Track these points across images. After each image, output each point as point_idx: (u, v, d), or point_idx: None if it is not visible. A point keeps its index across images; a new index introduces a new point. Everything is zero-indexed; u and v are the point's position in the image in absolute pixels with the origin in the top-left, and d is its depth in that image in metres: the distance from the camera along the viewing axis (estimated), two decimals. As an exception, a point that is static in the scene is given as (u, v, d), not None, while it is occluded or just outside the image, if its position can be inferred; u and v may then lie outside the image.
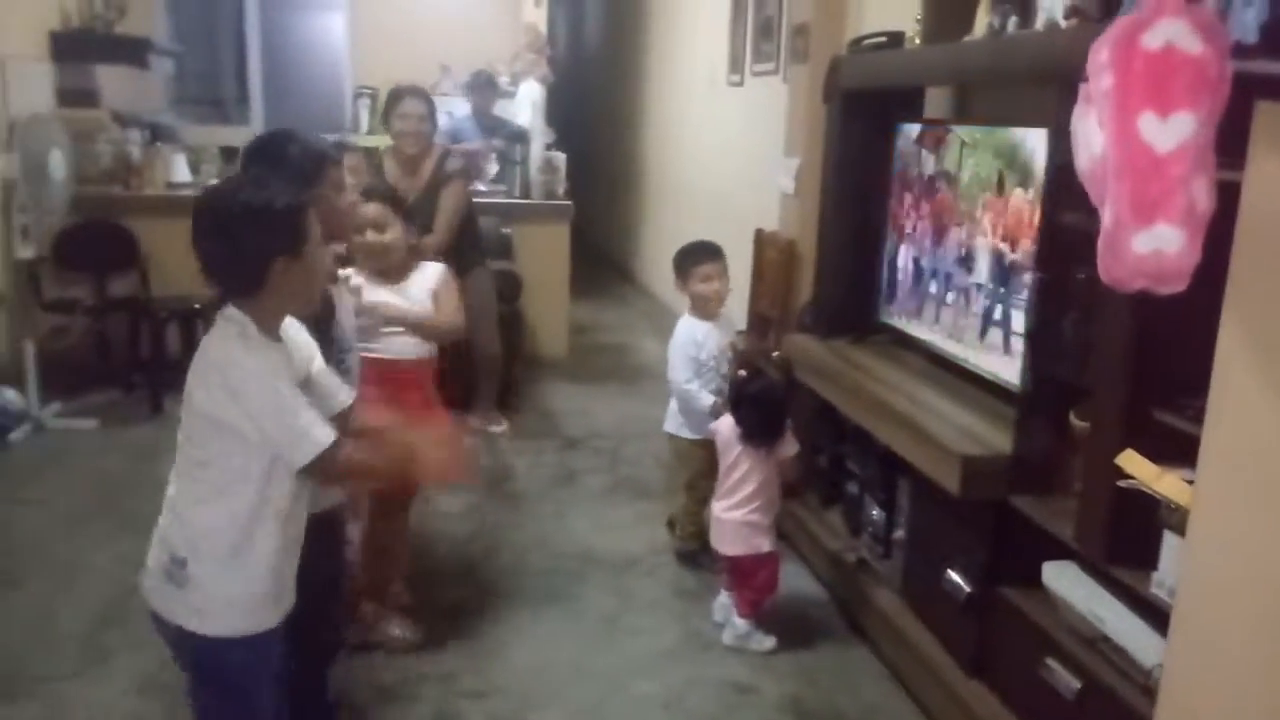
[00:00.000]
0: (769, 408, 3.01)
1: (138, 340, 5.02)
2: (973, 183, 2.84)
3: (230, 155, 5.59)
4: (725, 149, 6.15)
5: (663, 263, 3.55)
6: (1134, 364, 1.96)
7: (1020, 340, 2.52)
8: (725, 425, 3.07)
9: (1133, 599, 2.01)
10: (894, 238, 3.29)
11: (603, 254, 9.91)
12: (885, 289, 3.36)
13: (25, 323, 4.70)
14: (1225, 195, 1.48)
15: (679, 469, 3.55)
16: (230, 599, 1.78)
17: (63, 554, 3.38)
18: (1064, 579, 2.21)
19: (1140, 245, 1.47)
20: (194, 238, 1.73)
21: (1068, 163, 1.68)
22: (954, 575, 2.58)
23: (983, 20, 2.69)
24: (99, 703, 2.63)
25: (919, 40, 3.05)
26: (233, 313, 1.74)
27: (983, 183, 2.79)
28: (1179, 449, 1.74)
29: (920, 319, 3.15)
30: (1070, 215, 2.16)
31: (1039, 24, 2.39)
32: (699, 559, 3.46)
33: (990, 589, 2.45)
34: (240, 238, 1.71)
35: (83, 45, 5.60)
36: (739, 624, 2.99)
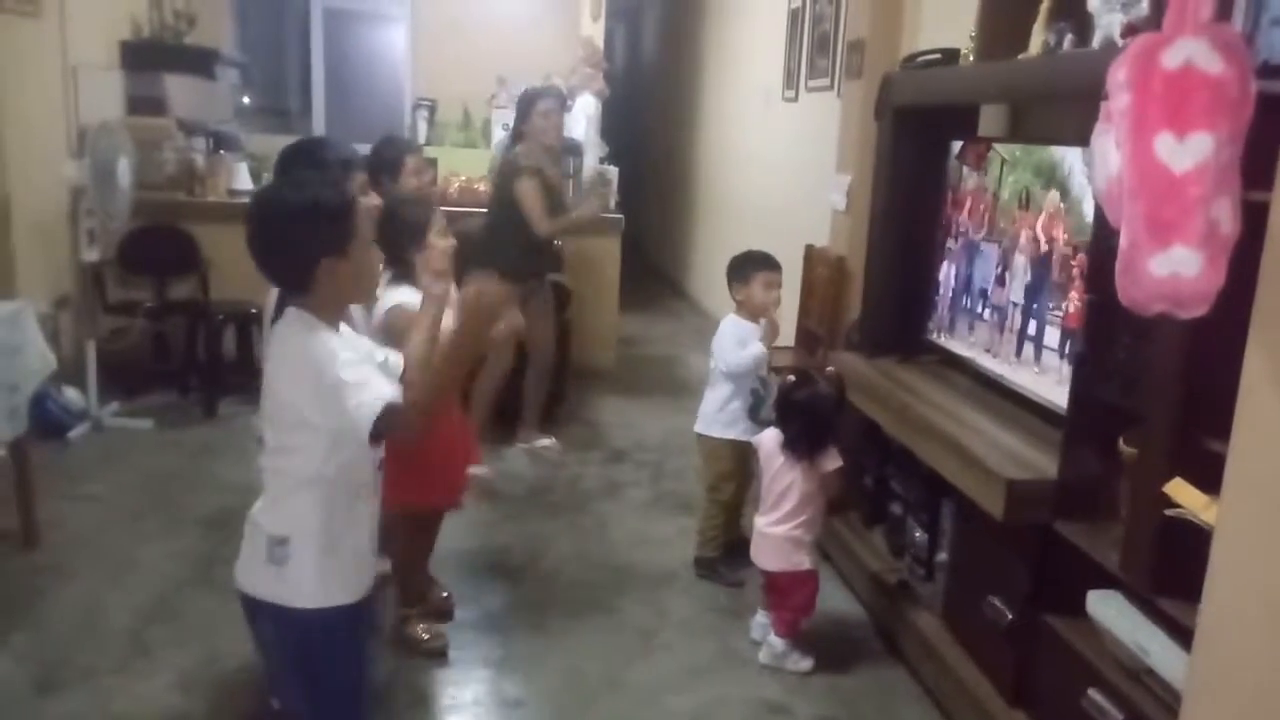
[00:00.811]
0: (813, 416, 2.98)
1: (195, 343, 5.13)
2: (1013, 200, 2.83)
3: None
4: (778, 164, 6.13)
5: (713, 277, 3.56)
6: (1184, 390, 1.91)
7: (1067, 362, 2.47)
8: (769, 437, 3.05)
9: (1178, 631, 1.95)
10: (943, 256, 3.25)
11: (654, 267, 9.93)
12: (934, 308, 3.32)
13: (88, 324, 4.82)
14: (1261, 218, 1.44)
15: (705, 471, 3.53)
16: (325, 572, 1.85)
17: (115, 550, 3.46)
18: (1109, 608, 2.16)
19: (1157, 268, 1.42)
20: (247, 240, 1.79)
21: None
22: (996, 601, 2.53)
23: (1039, 38, 2.65)
24: (141, 697, 2.67)
25: (973, 58, 3.02)
26: (295, 311, 1.81)
27: (1023, 200, 2.78)
28: (1229, 478, 1.69)
29: (968, 339, 3.10)
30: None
31: (1095, 43, 2.35)
32: (716, 567, 3.44)
33: (1033, 616, 2.40)
34: (287, 238, 1.78)
35: (152, 55, 5.76)
36: (776, 643, 2.96)
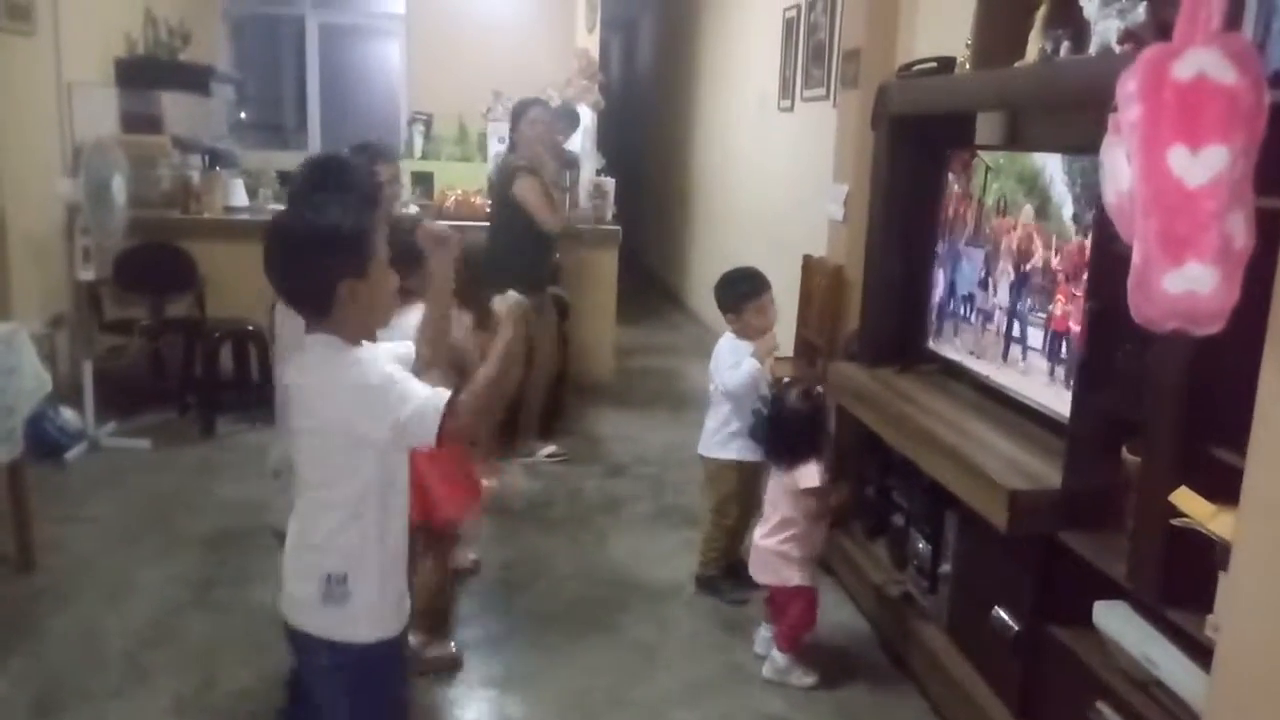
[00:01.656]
0: (782, 430, 2.99)
1: (192, 361, 5.11)
2: (997, 207, 2.87)
3: (287, 180, 5.69)
4: (775, 174, 6.13)
5: (711, 288, 3.52)
6: (1189, 397, 1.89)
7: (1070, 370, 2.45)
8: None
9: (1187, 642, 1.93)
10: (941, 265, 3.24)
11: (652, 278, 9.92)
12: (933, 317, 3.31)
13: (84, 343, 4.80)
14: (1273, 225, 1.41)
15: (709, 492, 3.50)
16: (375, 604, 1.83)
17: (112, 572, 3.43)
18: (1115, 619, 2.14)
19: (1171, 285, 1.40)
20: (265, 265, 1.77)
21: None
22: (1002, 613, 2.51)
23: (1035, 46, 2.64)
24: (139, 722, 2.65)
25: (970, 66, 3.01)
26: (320, 336, 1.78)
27: (1011, 207, 2.81)
28: (1235, 487, 1.67)
29: (968, 347, 3.09)
30: (1122, 243, 2.09)
31: (1092, 49, 2.34)
32: (718, 586, 3.41)
33: (1039, 628, 2.37)
34: (305, 263, 1.75)
35: (147, 72, 5.77)
36: (779, 658, 2.94)
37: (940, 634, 2.86)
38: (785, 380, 3.26)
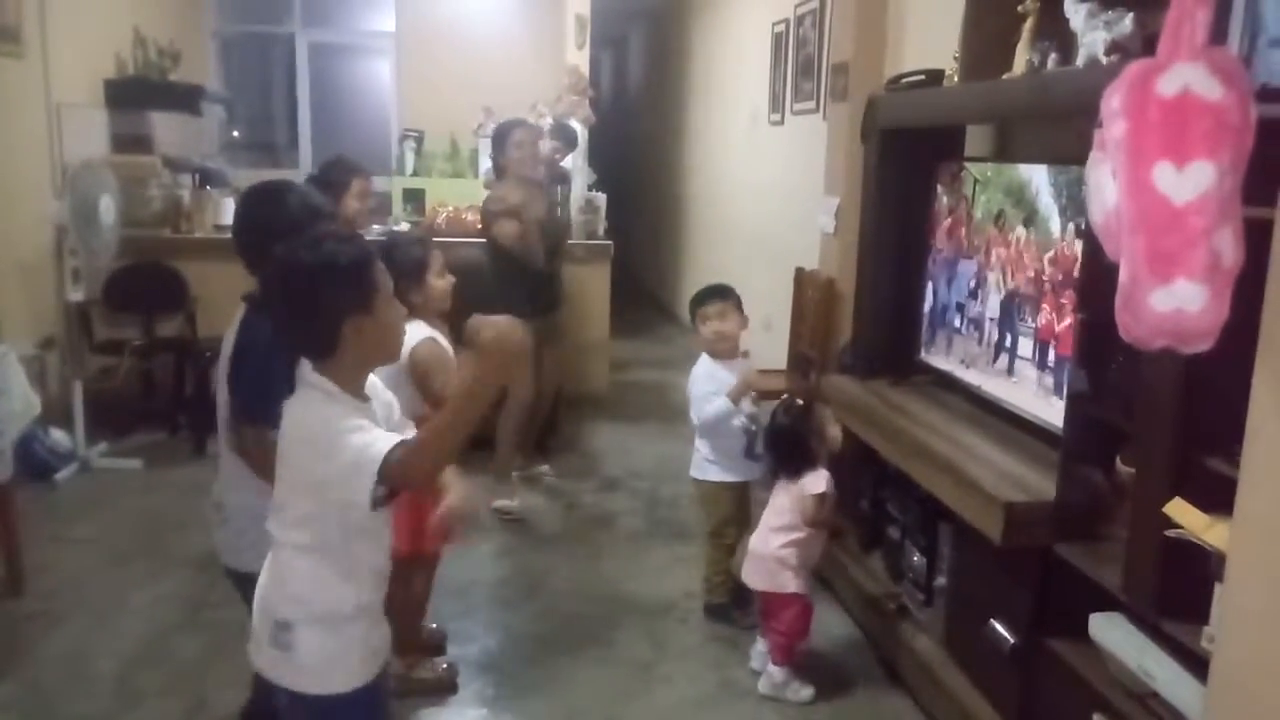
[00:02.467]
0: (773, 440, 3.06)
1: (183, 381, 5.09)
2: (986, 219, 2.88)
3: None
4: (766, 188, 6.14)
5: (703, 302, 3.50)
6: (1182, 408, 1.88)
7: (1059, 380, 2.45)
8: None
9: (1183, 653, 1.92)
10: (933, 276, 3.24)
11: (645, 292, 9.92)
12: (925, 328, 3.31)
13: (75, 364, 4.78)
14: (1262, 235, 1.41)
15: (705, 516, 3.44)
16: (332, 657, 1.75)
17: (103, 594, 3.41)
18: (1112, 631, 2.13)
19: (1159, 303, 1.37)
20: (269, 310, 1.74)
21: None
22: (998, 625, 2.50)
23: (1022, 58, 2.65)
24: (130, 745, 2.63)
25: (958, 78, 3.02)
26: (314, 378, 1.70)
27: (999, 219, 2.82)
28: (1230, 498, 1.66)
29: (961, 359, 3.09)
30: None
31: (1080, 61, 2.35)
32: (728, 612, 3.36)
33: (1035, 640, 2.37)
34: (308, 301, 1.67)
35: (137, 92, 5.76)
36: (775, 672, 2.92)
37: (936, 646, 2.84)
38: (783, 397, 3.25)
